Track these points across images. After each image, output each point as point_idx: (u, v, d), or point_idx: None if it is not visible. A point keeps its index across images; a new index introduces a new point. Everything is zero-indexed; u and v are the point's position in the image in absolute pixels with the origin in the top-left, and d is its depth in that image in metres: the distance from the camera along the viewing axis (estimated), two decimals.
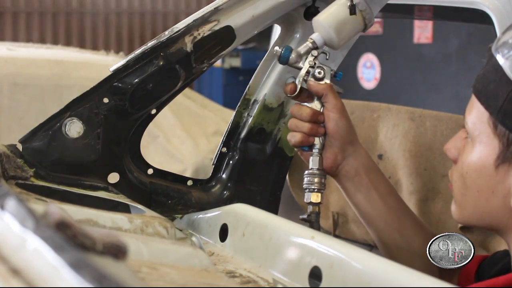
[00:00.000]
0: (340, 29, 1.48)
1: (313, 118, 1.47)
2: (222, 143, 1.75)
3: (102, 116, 1.55)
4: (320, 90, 1.47)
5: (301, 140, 1.48)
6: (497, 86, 1.18)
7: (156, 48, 1.55)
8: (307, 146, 1.50)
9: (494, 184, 1.22)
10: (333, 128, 1.47)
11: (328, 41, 1.49)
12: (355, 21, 1.48)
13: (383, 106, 2.44)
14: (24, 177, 1.44)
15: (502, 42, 1.19)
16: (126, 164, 1.63)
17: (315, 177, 1.48)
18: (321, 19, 1.49)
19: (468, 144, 1.26)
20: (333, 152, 1.49)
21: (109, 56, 4.48)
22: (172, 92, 1.61)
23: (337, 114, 1.47)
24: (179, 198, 1.68)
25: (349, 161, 1.49)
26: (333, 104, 1.47)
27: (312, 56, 1.48)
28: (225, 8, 1.57)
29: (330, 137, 1.48)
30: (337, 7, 1.49)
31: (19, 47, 4.54)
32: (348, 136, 1.49)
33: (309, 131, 1.47)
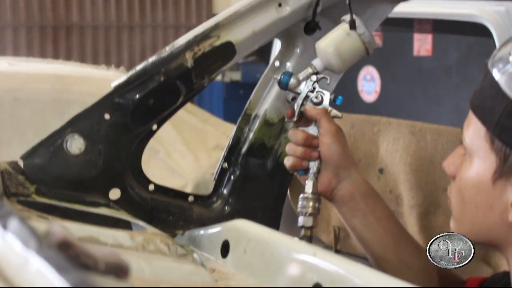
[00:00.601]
0: (341, 54, 1.49)
1: (307, 143, 1.48)
2: (223, 159, 1.75)
3: (104, 132, 1.56)
4: (314, 114, 1.49)
5: (295, 164, 1.49)
6: (493, 101, 1.19)
7: (157, 64, 1.56)
8: (303, 170, 1.51)
9: (491, 200, 1.23)
10: (326, 152, 1.48)
11: (329, 66, 1.50)
12: (356, 45, 1.49)
13: (384, 120, 2.44)
14: (25, 194, 1.44)
15: (498, 58, 1.20)
16: (127, 180, 1.63)
17: (309, 201, 1.49)
18: (322, 45, 1.50)
19: (466, 160, 1.27)
20: (327, 176, 1.49)
21: (110, 71, 4.49)
22: (173, 108, 1.62)
23: (330, 139, 1.48)
24: (180, 214, 1.68)
25: (344, 186, 1.50)
26: (327, 129, 1.48)
27: (311, 81, 1.50)
28: (225, 23, 1.57)
29: (324, 162, 1.49)
30: (338, 33, 1.50)
31: (20, 62, 4.55)
32: (342, 160, 1.49)
33: (303, 155, 1.48)
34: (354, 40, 1.49)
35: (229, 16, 1.56)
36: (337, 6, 1.60)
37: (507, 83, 1.17)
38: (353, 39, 1.49)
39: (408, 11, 2.09)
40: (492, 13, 2.17)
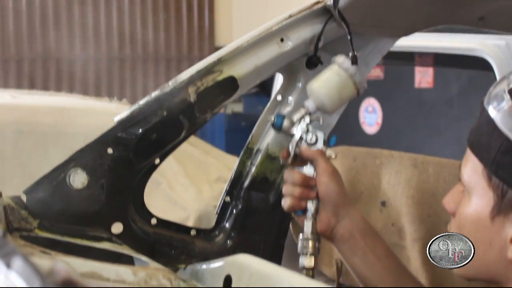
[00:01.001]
0: (333, 95, 1.49)
1: (304, 183, 1.48)
2: (225, 192, 1.76)
3: (106, 167, 1.56)
4: (310, 155, 1.49)
5: (293, 204, 1.49)
6: (489, 138, 1.20)
7: (160, 98, 1.56)
8: (301, 211, 1.50)
9: (490, 236, 1.23)
10: (324, 191, 1.48)
11: (321, 107, 1.50)
12: (347, 87, 1.49)
13: (386, 153, 2.45)
14: (28, 229, 1.44)
15: (493, 95, 1.21)
16: (130, 214, 1.63)
17: (309, 241, 1.48)
18: (313, 86, 1.51)
19: (465, 196, 1.27)
20: (326, 215, 1.49)
21: (113, 103, 4.51)
22: (176, 142, 1.62)
23: (327, 178, 1.47)
24: (183, 248, 1.68)
25: (343, 224, 1.49)
26: (323, 168, 1.48)
27: (305, 122, 1.50)
28: (228, 58, 1.58)
29: (322, 201, 1.49)
30: (329, 74, 1.50)
31: (22, 95, 4.57)
32: (340, 199, 1.49)
33: (300, 195, 1.48)
34: (345, 81, 1.49)
35: (232, 51, 1.57)
36: (339, 41, 1.62)
37: (503, 120, 1.18)
38: (345, 80, 1.49)
39: (409, 44, 2.10)
40: (493, 47, 2.19)
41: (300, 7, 1.59)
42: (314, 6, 1.58)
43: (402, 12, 1.56)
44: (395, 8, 1.53)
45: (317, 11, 1.58)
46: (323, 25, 1.59)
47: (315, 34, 1.60)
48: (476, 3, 1.52)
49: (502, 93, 1.19)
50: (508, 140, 1.17)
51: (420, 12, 1.56)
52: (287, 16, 1.58)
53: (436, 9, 1.55)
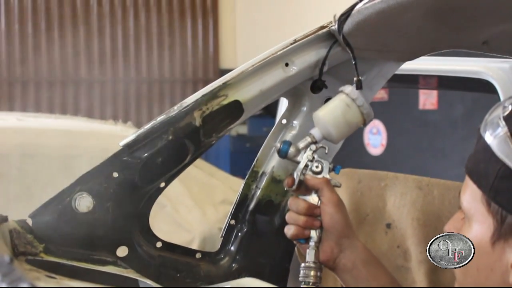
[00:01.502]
0: (339, 125, 1.52)
1: (308, 212, 1.49)
2: (230, 215, 1.76)
3: (112, 191, 1.56)
4: (316, 184, 1.50)
5: (297, 233, 1.50)
6: (487, 165, 1.21)
7: (165, 123, 1.57)
8: (304, 239, 1.51)
9: (492, 262, 1.23)
10: (329, 222, 1.49)
11: (327, 136, 1.52)
12: (354, 116, 1.52)
13: (390, 175, 2.45)
14: (34, 253, 1.45)
15: (489, 122, 1.22)
16: (135, 237, 1.63)
17: (311, 270, 1.49)
18: (320, 115, 1.53)
19: (465, 223, 1.29)
20: (329, 245, 1.50)
21: (118, 126, 4.52)
22: (181, 166, 1.63)
23: (332, 208, 1.49)
24: (188, 271, 1.68)
25: (346, 254, 1.51)
26: (329, 198, 1.49)
27: (311, 150, 1.51)
28: (233, 83, 1.59)
29: (326, 231, 1.50)
30: (336, 103, 1.53)
31: (28, 117, 4.59)
32: (344, 230, 1.50)
33: (305, 224, 1.49)
34: (353, 111, 1.52)
35: (237, 75, 1.58)
36: (343, 65, 1.63)
37: (499, 146, 1.19)
38: (352, 110, 1.52)
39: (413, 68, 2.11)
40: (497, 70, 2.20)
41: (304, 31, 1.60)
42: (318, 31, 1.58)
43: (407, 37, 1.57)
44: (399, 33, 1.54)
45: (322, 35, 1.59)
46: (328, 49, 1.59)
47: (320, 59, 1.61)
48: (479, 28, 1.52)
49: (497, 120, 1.20)
50: (506, 166, 1.17)
51: (424, 37, 1.57)
52: (292, 41, 1.58)
53: (440, 34, 1.56)
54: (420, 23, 1.49)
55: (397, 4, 1.37)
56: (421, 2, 1.37)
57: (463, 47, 1.64)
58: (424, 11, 1.43)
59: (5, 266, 0.87)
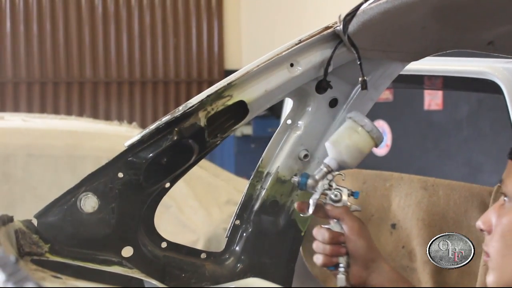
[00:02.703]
0: (352, 152, 1.56)
1: (333, 241, 1.54)
2: (235, 216, 1.76)
3: (117, 191, 1.57)
4: (337, 214, 1.55)
5: (325, 261, 1.55)
6: None
7: (170, 123, 1.57)
8: (333, 266, 1.56)
9: None
10: (353, 248, 1.54)
11: (342, 164, 1.57)
12: (365, 141, 1.56)
13: (396, 175, 2.45)
14: (39, 253, 1.45)
15: None
16: (140, 237, 1.63)
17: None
18: (333, 145, 1.57)
19: (508, 205, 1.36)
20: (357, 270, 1.55)
21: (122, 127, 4.52)
22: (186, 166, 1.63)
23: (356, 236, 1.54)
24: (193, 271, 1.68)
25: (375, 277, 1.56)
26: (351, 226, 1.54)
27: (327, 180, 1.56)
28: (238, 83, 1.58)
29: (353, 257, 1.55)
30: (346, 131, 1.57)
31: (33, 118, 4.60)
32: (369, 254, 1.56)
33: (331, 252, 1.54)
34: (363, 137, 1.56)
35: (242, 76, 1.58)
36: (348, 65, 1.62)
37: None
38: (363, 136, 1.56)
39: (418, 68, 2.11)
40: (502, 71, 2.19)
41: (309, 32, 1.59)
42: (323, 31, 1.58)
43: (412, 37, 1.57)
44: (404, 33, 1.54)
45: (327, 36, 1.59)
46: (333, 50, 1.59)
47: (325, 59, 1.60)
48: (485, 28, 1.52)
49: None
50: None
51: (429, 37, 1.57)
52: (297, 41, 1.58)
53: (445, 34, 1.56)
54: (425, 23, 1.49)
55: (402, 4, 1.37)
56: (426, 2, 1.37)
57: (468, 48, 1.64)
58: (429, 11, 1.43)
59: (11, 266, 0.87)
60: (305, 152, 1.70)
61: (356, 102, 1.71)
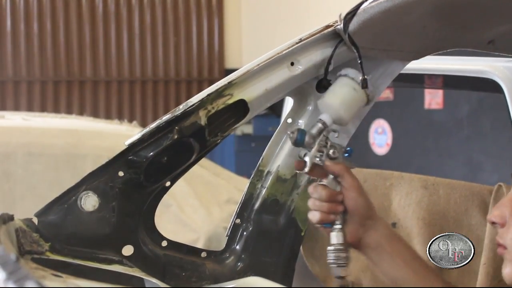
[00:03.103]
0: (348, 107, 1.54)
1: (331, 198, 1.52)
2: (236, 215, 1.76)
3: (117, 190, 1.57)
4: (337, 170, 1.53)
5: (322, 218, 1.53)
6: None
7: (171, 122, 1.57)
8: (329, 223, 1.54)
9: None
10: (353, 206, 1.53)
11: (337, 120, 1.55)
12: (360, 98, 1.55)
13: (396, 174, 2.45)
14: (39, 251, 1.45)
15: None
16: (141, 236, 1.63)
17: (341, 252, 1.52)
18: (329, 101, 1.55)
19: None
20: (354, 227, 1.54)
21: (123, 125, 4.52)
22: (187, 165, 1.63)
23: (355, 193, 1.53)
24: (193, 270, 1.68)
25: (370, 234, 1.55)
26: (350, 183, 1.53)
27: (324, 136, 1.53)
28: (238, 82, 1.58)
29: (351, 214, 1.54)
30: (343, 88, 1.55)
31: (34, 117, 4.60)
32: (367, 212, 1.55)
33: (329, 210, 1.53)
34: (359, 94, 1.55)
35: (242, 74, 1.58)
36: (349, 64, 1.62)
37: None
38: (359, 93, 1.55)
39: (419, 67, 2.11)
40: (503, 69, 2.19)
41: (310, 30, 1.59)
42: (324, 30, 1.58)
43: (412, 36, 1.57)
44: (405, 32, 1.54)
45: (327, 35, 1.59)
46: (333, 49, 1.59)
47: (325, 58, 1.60)
48: (485, 27, 1.52)
49: None
50: None
51: (429, 36, 1.57)
52: (297, 40, 1.58)
53: (446, 33, 1.56)
54: (425, 22, 1.49)
55: (402, 3, 1.37)
56: (427, 1, 1.37)
57: (469, 46, 1.64)
58: (429, 10, 1.43)
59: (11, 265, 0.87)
60: (305, 151, 1.70)
61: None
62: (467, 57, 2.31)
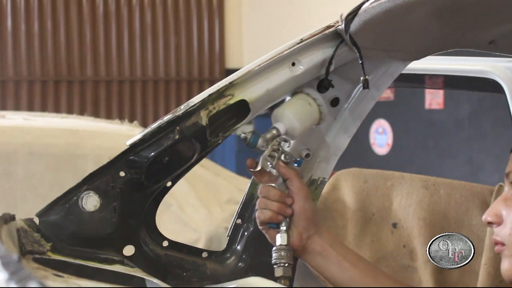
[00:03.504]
0: (303, 121, 1.60)
1: (280, 199, 1.57)
2: (237, 215, 1.76)
3: (119, 190, 1.57)
4: (287, 173, 1.58)
5: (271, 216, 1.57)
6: None
7: (172, 122, 1.56)
8: (274, 224, 1.58)
9: None
10: (299, 210, 1.57)
11: (290, 130, 1.59)
12: (313, 115, 1.61)
13: (397, 175, 2.45)
14: (41, 251, 1.45)
15: None
16: (142, 236, 1.64)
17: (284, 251, 1.56)
18: (286, 112, 1.60)
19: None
20: (298, 232, 1.58)
21: (124, 125, 4.52)
22: (188, 165, 1.63)
23: (302, 198, 1.57)
24: (194, 270, 1.69)
25: (314, 239, 1.59)
26: (299, 188, 1.58)
27: (277, 142, 1.58)
28: (239, 82, 1.58)
29: (296, 218, 1.57)
30: (300, 102, 1.61)
31: (34, 117, 4.60)
32: (313, 217, 1.59)
33: (278, 209, 1.56)
34: (314, 109, 1.61)
35: (243, 75, 1.58)
36: (350, 64, 1.62)
37: None
38: (313, 108, 1.61)
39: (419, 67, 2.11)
40: (504, 70, 2.19)
41: (311, 31, 1.59)
42: (325, 30, 1.58)
43: (413, 36, 1.57)
44: (406, 32, 1.54)
45: (329, 35, 1.59)
46: (334, 49, 1.59)
47: (326, 58, 1.60)
48: (486, 27, 1.52)
49: None
50: None
51: (430, 36, 1.57)
52: (299, 40, 1.58)
53: (447, 33, 1.56)
54: (426, 22, 1.49)
55: (404, 3, 1.37)
56: (428, 2, 1.37)
57: (470, 46, 1.64)
58: (430, 10, 1.43)
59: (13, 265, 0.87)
60: (307, 151, 1.70)
61: (358, 101, 1.71)
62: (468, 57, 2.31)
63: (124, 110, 8.51)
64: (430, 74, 2.56)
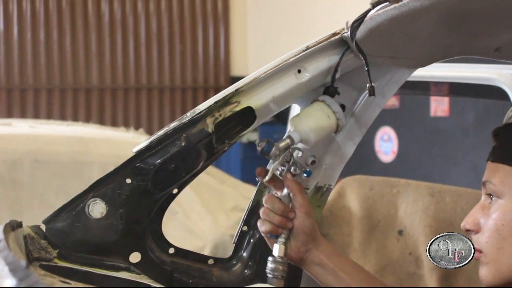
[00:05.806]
0: (319, 132, 1.59)
1: (284, 213, 1.58)
2: (242, 222, 1.76)
3: (125, 197, 1.57)
4: (293, 188, 1.59)
5: (271, 229, 1.58)
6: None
7: (178, 129, 1.57)
8: (275, 235, 1.60)
9: None
10: (300, 225, 1.59)
11: (305, 141, 1.59)
12: (331, 124, 1.60)
13: (402, 182, 2.45)
14: (48, 258, 1.45)
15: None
16: (148, 243, 1.64)
17: (279, 264, 1.58)
18: (303, 121, 1.59)
19: (495, 203, 1.44)
20: (296, 245, 1.60)
21: (129, 133, 4.53)
22: (194, 172, 1.63)
23: (304, 214, 1.59)
24: (200, 277, 1.69)
25: (312, 252, 1.62)
26: (301, 203, 1.59)
27: (289, 152, 1.58)
28: (245, 89, 1.58)
29: (296, 232, 1.60)
30: (318, 112, 1.60)
31: (40, 125, 4.62)
32: (312, 233, 1.61)
33: (279, 223, 1.58)
34: (332, 122, 1.60)
35: (249, 82, 1.57)
36: (356, 71, 1.63)
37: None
38: (332, 121, 1.59)
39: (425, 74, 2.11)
40: (509, 77, 2.19)
41: (316, 38, 1.60)
42: (331, 38, 1.58)
43: (419, 43, 1.57)
44: (411, 39, 1.54)
45: (334, 42, 1.59)
46: (340, 56, 1.59)
47: (332, 65, 1.60)
48: (492, 34, 1.52)
49: None
50: None
51: (436, 43, 1.57)
52: (304, 48, 1.58)
53: (453, 40, 1.56)
54: (432, 30, 1.49)
55: (409, 11, 1.37)
56: (434, 9, 1.37)
57: (476, 54, 1.64)
58: (436, 18, 1.43)
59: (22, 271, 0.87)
60: (312, 158, 1.70)
61: (363, 108, 1.71)
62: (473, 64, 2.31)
63: (130, 118, 8.52)
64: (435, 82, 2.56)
